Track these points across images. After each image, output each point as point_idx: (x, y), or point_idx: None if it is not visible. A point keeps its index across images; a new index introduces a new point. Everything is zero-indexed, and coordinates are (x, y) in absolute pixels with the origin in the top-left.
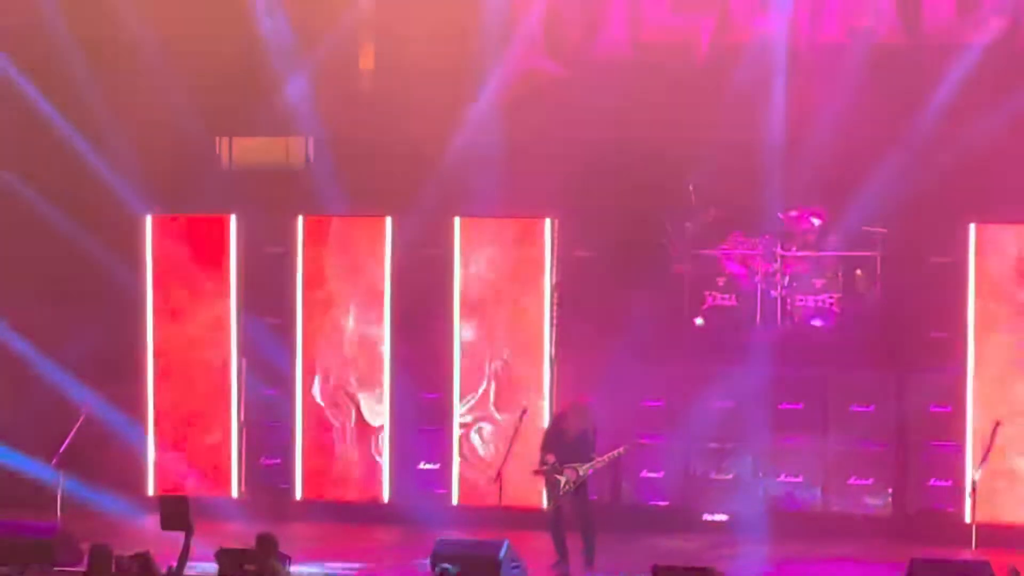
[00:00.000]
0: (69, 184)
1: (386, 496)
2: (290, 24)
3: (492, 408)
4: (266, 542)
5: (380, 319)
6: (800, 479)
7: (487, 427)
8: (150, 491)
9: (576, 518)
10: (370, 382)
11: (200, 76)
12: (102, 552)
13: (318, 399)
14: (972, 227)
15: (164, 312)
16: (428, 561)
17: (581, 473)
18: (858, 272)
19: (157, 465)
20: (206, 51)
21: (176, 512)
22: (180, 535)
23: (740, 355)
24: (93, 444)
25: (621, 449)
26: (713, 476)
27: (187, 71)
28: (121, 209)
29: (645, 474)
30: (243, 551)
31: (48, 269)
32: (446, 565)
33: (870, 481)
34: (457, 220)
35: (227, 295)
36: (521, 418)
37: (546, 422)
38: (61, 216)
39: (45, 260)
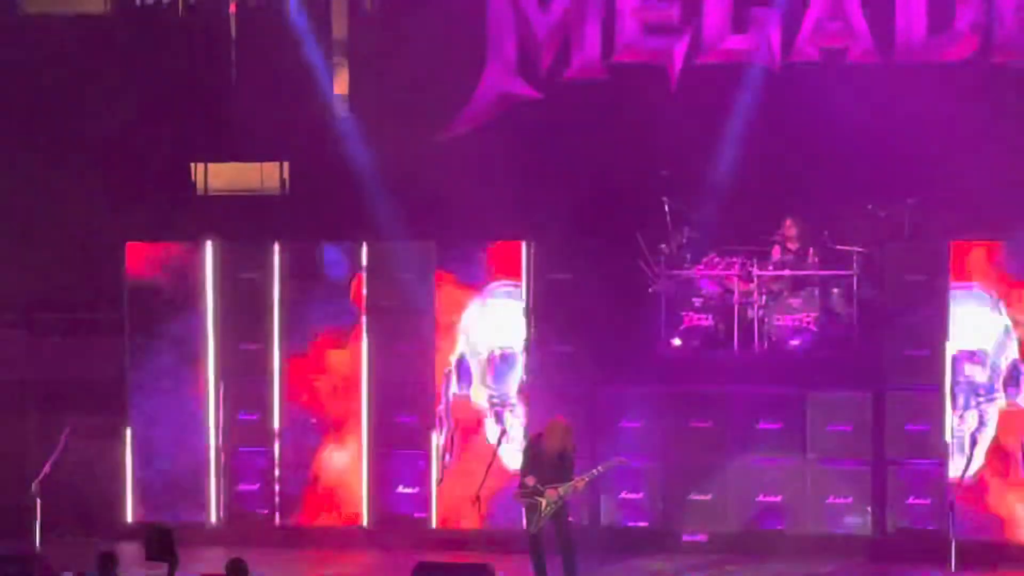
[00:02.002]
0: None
1: (365, 520)
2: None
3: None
4: (236, 568)
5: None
6: (779, 499)
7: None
8: (128, 518)
9: (556, 540)
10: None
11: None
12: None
13: None
14: (950, 245)
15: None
16: None
17: (561, 493)
18: (835, 291)
19: (135, 491)
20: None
21: (161, 543)
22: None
23: (718, 375)
24: (72, 469)
25: (600, 468)
26: (692, 497)
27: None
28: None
29: (624, 495)
30: None
31: (25, 292)
32: None
33: (849, 500)
34: (432, 245)
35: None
36: (500, 440)
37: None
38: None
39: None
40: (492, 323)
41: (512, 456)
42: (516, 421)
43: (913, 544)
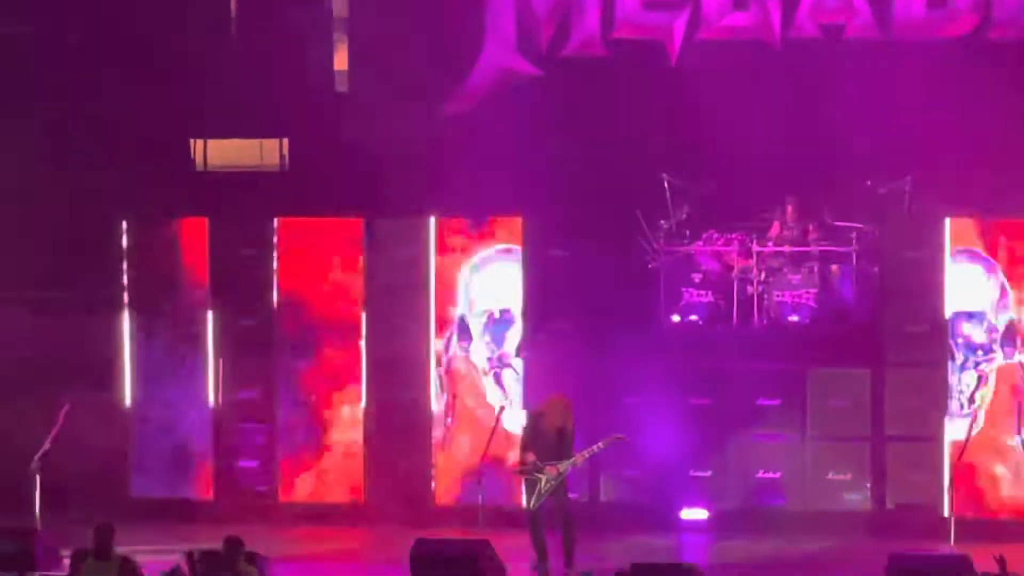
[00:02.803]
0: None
1: (364, 496)
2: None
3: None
4: (232, 545)
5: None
6: (779, 475)
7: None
8: (130, 494)
9: (555, 516)
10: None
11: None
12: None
13: None
14: (947, 221)
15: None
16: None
17: (561, 470)
18: (834, 268)
19: (135, 468)
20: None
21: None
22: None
23: (717, 351)
24: (73, 445)
25: (600, 444)
26: (692, 473)
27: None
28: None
29: (624, 471)
30: (213, 553)
31: (24, 270)
32: None
33: (848, 476)
34: (432, 220)
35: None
36: (499, 417)
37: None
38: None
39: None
40: (490, 284)
41: (514, 422)
42: (515, 383)
43: (912, 519)
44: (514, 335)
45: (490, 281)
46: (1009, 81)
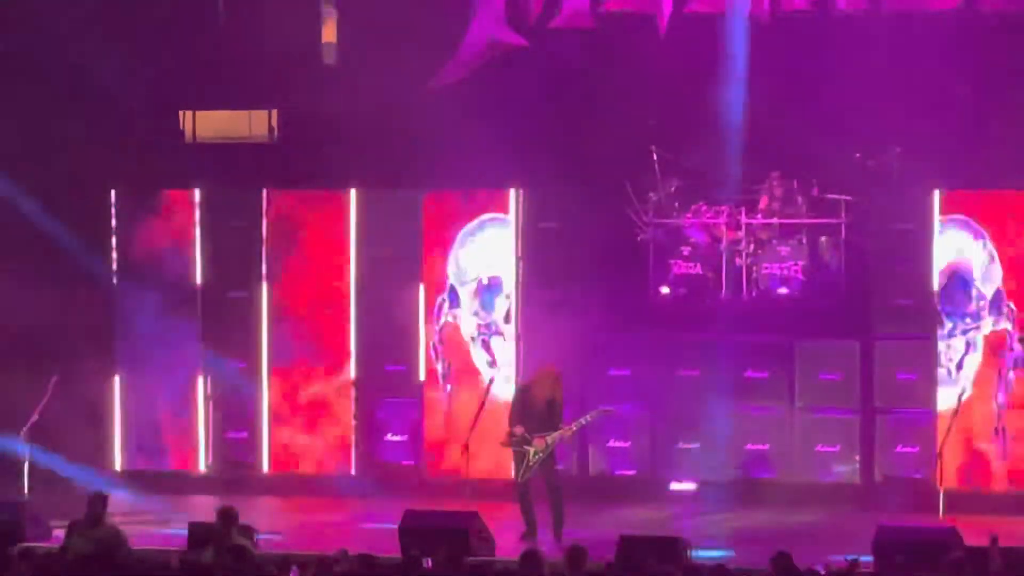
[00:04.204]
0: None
1: (353, 468)
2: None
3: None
4: (226, 515)
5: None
6: (767, 447)
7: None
8: (117, 466)
9: (544, 488)
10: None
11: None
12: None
13: None
14: (936, 193)
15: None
16: None
17: (549, 442)
18: (823, 240)
19: (124, 439)
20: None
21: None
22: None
23: (706, 323)
24: (61, 416)
25: (588, 416)
26: (680, 445)
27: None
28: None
29: (612, 443)
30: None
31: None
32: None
33: (837, 448)
34: (421, 194)
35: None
36: (488, 389)
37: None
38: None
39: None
40: (479, 252)
41: (504, 388)
42: (505, 349)
43: (901, 492)
44: (503, 302)
45: (479, 249)
46: (998, 53)
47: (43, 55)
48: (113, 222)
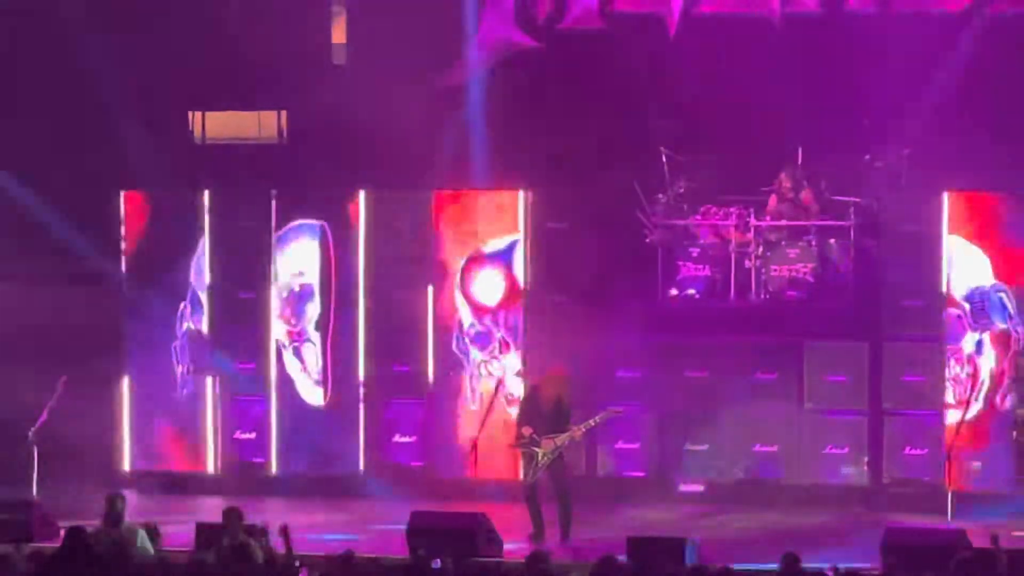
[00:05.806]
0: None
1: (360, 468)
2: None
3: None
4: (232, 515)
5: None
6: (775, 448)
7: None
8: (126, 467)
9: (552, 489)
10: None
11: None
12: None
13: None
14: (945, 195)
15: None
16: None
17: (558, 444)
18: (832, 241)
19: (132, 441)
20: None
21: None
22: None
23: (714, 325)
24: (69, 418)
25: (597, 418)
26: (689, 446)
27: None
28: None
29: (620, 445)
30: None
31: (22, 242)
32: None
33: (846, 450)
34: (431, 193)
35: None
36: (497, 390)
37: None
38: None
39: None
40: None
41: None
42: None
43: (910, 493)
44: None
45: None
46: (1008, 54)
47: (53, 56)
48: (122, 223)
